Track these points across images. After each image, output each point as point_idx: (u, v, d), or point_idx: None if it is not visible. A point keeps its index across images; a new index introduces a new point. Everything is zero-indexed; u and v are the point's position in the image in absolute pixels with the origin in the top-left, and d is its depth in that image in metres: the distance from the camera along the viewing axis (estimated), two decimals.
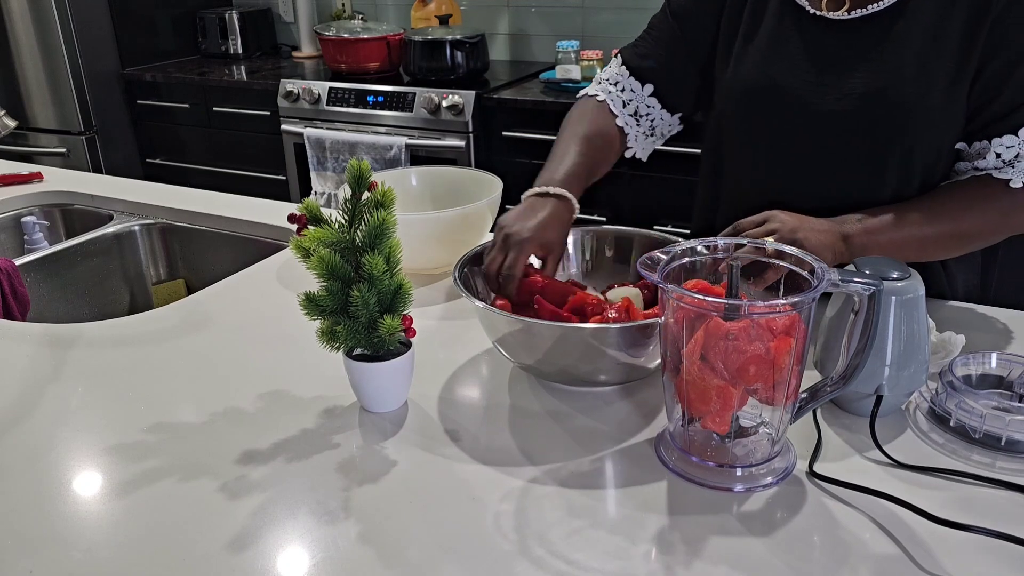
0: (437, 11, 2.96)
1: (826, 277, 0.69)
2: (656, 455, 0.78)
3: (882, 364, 0.78)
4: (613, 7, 2.90)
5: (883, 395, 0.78)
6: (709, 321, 0.70)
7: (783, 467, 0.75)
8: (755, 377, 0.70)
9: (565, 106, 2.44)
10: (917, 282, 0.78)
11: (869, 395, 0.79)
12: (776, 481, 0.74)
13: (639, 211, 2.44)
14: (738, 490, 0.73)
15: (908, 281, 0.77)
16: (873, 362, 0.76)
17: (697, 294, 0.71)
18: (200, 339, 1.04)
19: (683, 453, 0.76)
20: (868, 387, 0.78)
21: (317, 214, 0.80)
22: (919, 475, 0.74)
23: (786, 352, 0.69)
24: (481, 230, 1.18)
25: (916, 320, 0.78)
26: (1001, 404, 0.80)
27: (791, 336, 0.69)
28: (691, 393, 0.73)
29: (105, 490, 0.75)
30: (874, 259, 0.80)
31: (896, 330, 0.77)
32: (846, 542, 0.67)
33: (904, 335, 0.77)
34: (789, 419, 0.74)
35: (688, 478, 0.75)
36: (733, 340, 0.69)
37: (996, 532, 0.66)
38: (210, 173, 3.10)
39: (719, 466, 0.75)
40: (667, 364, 0.75)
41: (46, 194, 1.62)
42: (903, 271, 0.78)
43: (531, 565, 0.65)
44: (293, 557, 0.67)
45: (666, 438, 0.79)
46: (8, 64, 3.07)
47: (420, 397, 0.89)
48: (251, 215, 1.46)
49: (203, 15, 3.32)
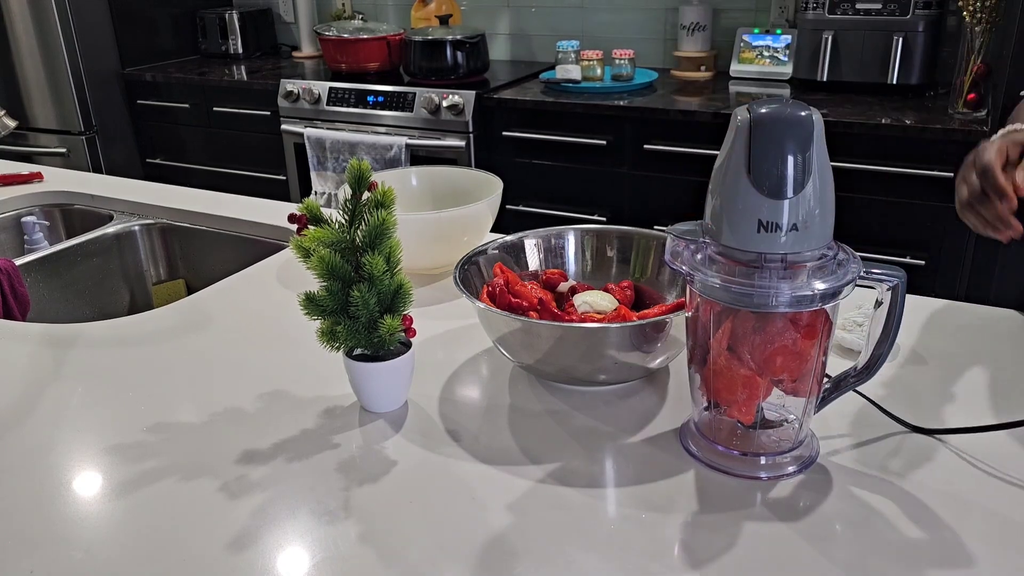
0: (437, 11, 2.96)
1: (850, 269, 0.69)
2: (680, 444, 0.79)
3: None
4: (613, 7, 2.90)
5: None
6: (737, 313, 0.70)
7: (808, 455, 0.77)
8: (781, 368, 0.71)
9: (565, 106, 2.48)
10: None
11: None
12: (801, 469, 0.75)
13: (639, 211, 2.44)
14: (763, 478, 0.74)
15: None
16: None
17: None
18: (200, 339, 1.04)
19: (709, 442, 0.77)
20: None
21: (317, 214, 0.80)
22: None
23: (812, 344, 0.70)
24: (481, 230, 1.18)
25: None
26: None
27: (816, 328, 0.70)
28: (718, 383, 0.74)
29: (105, 490, 0.75)
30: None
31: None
32: (873, 528, 0.68)
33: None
34: (813, 409, 0.75)
35: (714, 467, 0.76)
36: (761, 332, 0.70)
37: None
38: (210, 173, 3.10)
39: (743, 455, 0.76)
40: (693, 355, 0.76)
41: (46, 194, 1.62)
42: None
43: (531, 565, 0.65)
44: (293, 557, 0.67)
45: (691, 427, 0.80)
46: (8, 64, 3.07)
47: (420, 397, 0.89)
48: (251, 215, 1.46)
49: (203, 15, 3.32)
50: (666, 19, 2.84)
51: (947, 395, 0.86)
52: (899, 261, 2.11)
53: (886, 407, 0.83)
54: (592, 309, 0.91)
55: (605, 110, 2.37)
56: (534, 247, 1.03)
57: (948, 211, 2.06)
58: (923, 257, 2.11)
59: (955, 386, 0.88)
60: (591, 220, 2.48)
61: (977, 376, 0.90)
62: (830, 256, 0.70)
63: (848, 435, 0.80)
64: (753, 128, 0.67)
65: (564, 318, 0.89)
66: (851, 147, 2.07)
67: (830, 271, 0.69)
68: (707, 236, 0.71)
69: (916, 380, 0.89)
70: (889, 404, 0.84)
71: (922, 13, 2.22)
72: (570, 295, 0.96)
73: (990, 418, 0.82)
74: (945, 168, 2.02)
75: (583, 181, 2.48)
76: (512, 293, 0.91)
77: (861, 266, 0.70)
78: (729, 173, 0.68)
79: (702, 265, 0.71)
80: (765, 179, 0.66)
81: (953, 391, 0.87)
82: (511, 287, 0.92)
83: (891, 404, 0.84)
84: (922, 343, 0.96)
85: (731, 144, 0.68)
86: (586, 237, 1.05)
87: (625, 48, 2.61)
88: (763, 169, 0.66)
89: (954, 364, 0.92)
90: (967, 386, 0.88)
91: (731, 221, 0.68)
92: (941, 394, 0.86)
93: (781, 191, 0.66)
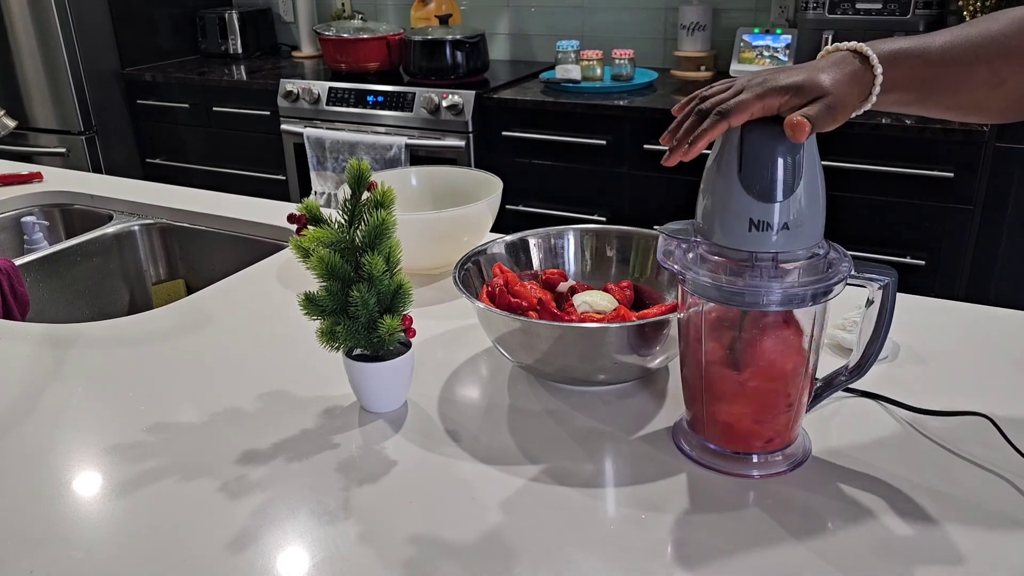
0: (437, 11, 2.96)
1: (840, 269, 0.69)
2: (673, 444, 0.80)
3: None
4: (613, 7, 2.90)
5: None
6: (728, 312, 0.71)
7: (799, 453, 0.77)
8: (772, 367, 0.72)
9: (565, 106, 2.48)
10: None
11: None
12: (792, 467, 0.75)
13: (639, 211, 2.44)
14: (756, 476, 0.75)
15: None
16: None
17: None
18: (200, 339, 1.04)
19: (700, 441, 0.77)
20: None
21: (317, 214, 0.80)
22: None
23: (803, 343, 0.70)
24: (481, 230, 1.18)
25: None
26: None
27: (807, 326, 0.70)
28: (709, 381, 0.74)
29: (105, 490, 0.76)
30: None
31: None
32: (866, 526, 0.68)
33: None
34: (804, 408, 0.75)
35: (706, 465, 0.76)
36: (752, 331, 0.70)
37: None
38: (210, 173, 3.10)
39: (735, 453, 0.76)
40: (685, 353, 0.76)
41: (46, 194, 1.62)
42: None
43: (530, 564, 0.65)
44: (293, 557, 0.67)
45: (683, 426, 0.80)
46: (8, 64, 3.07)
47: (420, 397, 0.89)
48: (251, 215, 1.46)
49: (203, 15, 3.32)
50: (666, 19, 2.84)
51: (947, 395, 0.86)
52: (899, 261, 2.11)
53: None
54: (592, 309, 0.91)
55: (605, 110, 2.37)
56: (534, 247, 1.03)
57: (948, 211, 2.06)
58: (923, 257, 2.11)
59: (955, 386, 0.88)
60: (591, 220, 2.48)
61: (977, 376, 0.90)
62: (821, 255, 0.70)
63: (840, 433, 0.80)
64: (744, 129, 0.67)
65: (563, 318, 0.89)
66: (850, 147, 2.07)
67: (821, 270, 0.69)
68: (698, 235, 0.71)
69: (915, 380, 0.89)
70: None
71: (922, 13, 2.22)
72: (570, 295, 0.96)
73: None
74: (945, 168, 2.02)
75: (583, 181, 2.48)
76: (512, 293, 0.91)
77: (852, 265, 0.70)
78: (720, 173, 0.68)
79: (694, 264, 0.72)
80: (756, 181, 0.66)
81: (953, 391, 0.87)
82: (510, 287, 0.92)
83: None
84: (922, 343, 0.96)
85: (722, 144, 0.68)
86: (586, 237, 1.05)
87: (625, 48, 2.61)
88: (754, 171, 0.66)
89: (953, 364, 0.92)
90: (967, 386, 0.88)
91: (722, 221, 0.68)
92: (940, 394, 0.86)
93: (772, 194, 0.66)
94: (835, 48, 0.71)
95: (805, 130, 0.64)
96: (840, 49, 0.71)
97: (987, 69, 0.72)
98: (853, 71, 0.69)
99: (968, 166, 2.01)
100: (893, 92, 0.71)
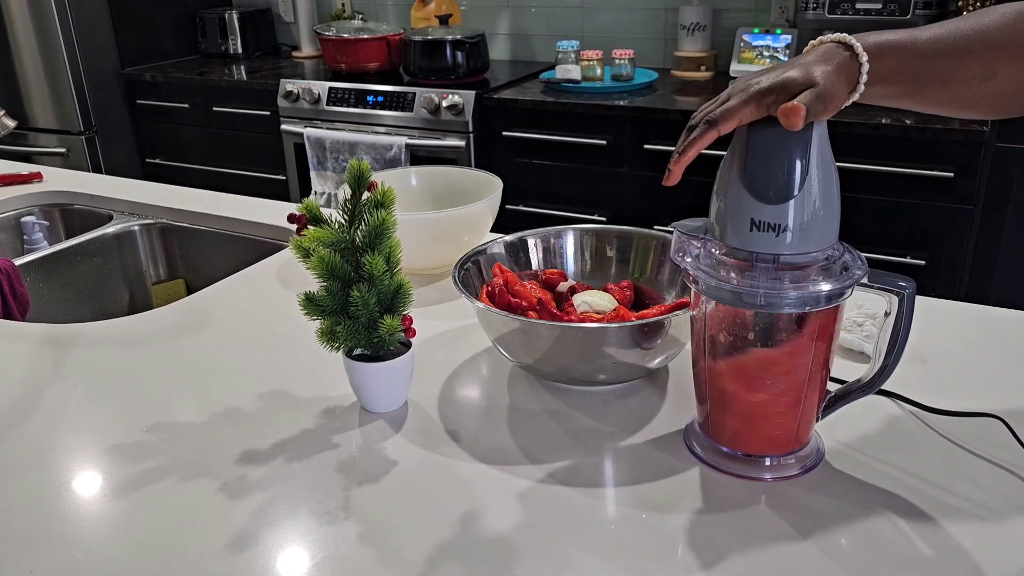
0: (437, 11, 2.96)
1: (854, 276, 0.68)
2: (684, 445, 0.79)
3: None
4: (613, 7, 2.90)
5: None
6: (741, 313, 0.70)
7: (811, 456, 0.76)
8: (784, 371, 0.71)
9: (565, 106, 2.48)
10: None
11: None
12: (804, 470, 0.75)
13: (639, 211, 2.44)
14: (767, 479, 0.74)
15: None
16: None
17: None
18: (200, 339, 1.04)
19: (712, 443, 0.77)
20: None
21: (317, 214, 0.80)
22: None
23: (815, 348, 0.70)
24: (481, 230, 1.18)
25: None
26: None
27: (821, 329, 0.70)
28: (721, 383, 0.74)
29: (105, 490, 0.75)
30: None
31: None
32: (879, 531, 0.67)
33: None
34: (815, 416, 0.75)
35: (717, 468, 0.76)
36: (764, 333, 0.70)
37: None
38: (210, 173, 3.10)
39: (747, 456, 0.76)
40: (697, 354, 0.75)
41: (46, 194, 1.62)
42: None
43: (531, 565, 0.65)
44: (293, 557, 0.67)
45: (694, 428, 0.80)
46: (8, 64, 3.07)
47: (420, 397, 0.89)
48: (251, 215, 1.46)
49: (203, 15, 3.32)
50: (666, 19, 2.84)
51: (950, 395, 0.86)
52: (899, 261, 2.11)
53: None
54: (591, 309, 0.91)
55: (605, 110, 2.37)
56: (533, 247, 1.03)
57: (948, 211, 2.06)
58: (923, 257, 2.11)
59: (957, 386, 0.88)
60: (591, 220, 2.48)
61: (980, 376, 0.90)
62: (835, 258, 0.69)
63: (850, 432, 0.80)
64: (750, 129, 0.67)
65: (563, 318, 0.89)
66: (851, 147, 2.07)
67: (834, 273, 0.69)
68: (710, 234, 0.71)
69: (916, 380, 0.89)
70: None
71: (922, 13, 2.22)
72: (569, 295, 0.96)
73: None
74: (945, 168, 2.02)
75: (583, 181, 2.48)
76: (511, 293, 0.91)
77: (867, 270, 0.69)
78: (728, 174, 0.68)
79: (705, 263, 0.71)
80: (757, 181, 0.66)
81: (955, 391, 0.87)
82: (510, 287, 0.92)
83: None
84: (922, 343, 0.96)
85: (733, 145, 0.69)
86: (585, 237, 1.05)
87: (625, 48, 2.61)
88: (755, 171, 0.66)
89: (954, 364, 0.92)
90: (970, 386, 0.88)
91: (728, 221, 0.69)
92: (943, 393, 0.86)
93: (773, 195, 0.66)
94: (821, 40, 0.72)
95: (800, 114, 0.63)
96: (826, 41, 0.71)
97: (977, 62, 0.72)
98: (840, 62, 0.69)
99: (968, 166, 2.01)
100: (881, 84, 0.71)
